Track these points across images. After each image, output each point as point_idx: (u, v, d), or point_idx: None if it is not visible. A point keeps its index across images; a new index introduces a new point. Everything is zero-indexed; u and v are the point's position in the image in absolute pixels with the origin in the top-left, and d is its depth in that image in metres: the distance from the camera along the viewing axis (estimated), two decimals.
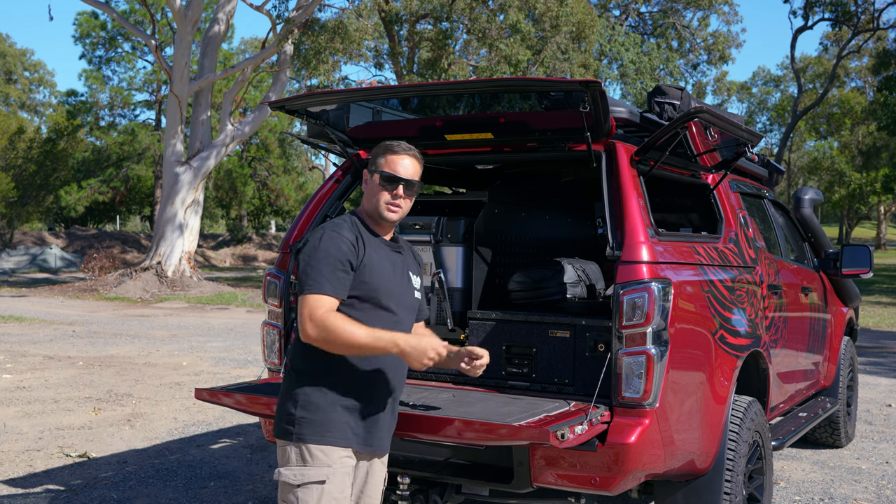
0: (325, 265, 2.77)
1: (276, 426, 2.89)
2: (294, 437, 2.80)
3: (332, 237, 2.82)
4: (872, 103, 45.33)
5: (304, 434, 2.80)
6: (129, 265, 27.04)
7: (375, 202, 2.93)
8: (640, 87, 33.95)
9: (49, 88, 60.02)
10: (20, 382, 8.93)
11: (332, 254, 2.78)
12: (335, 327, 2.70)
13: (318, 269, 2.76)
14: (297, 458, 2.81)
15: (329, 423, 2.80)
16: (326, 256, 2.78)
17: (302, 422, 2.80)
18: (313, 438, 2.79)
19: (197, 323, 15.52)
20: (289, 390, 2.88)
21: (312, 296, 2.75)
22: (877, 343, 13.28)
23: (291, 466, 2.81)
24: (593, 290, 4.36)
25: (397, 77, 26.67)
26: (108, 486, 5.39)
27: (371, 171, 2.97)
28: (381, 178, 2.92)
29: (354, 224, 2.93)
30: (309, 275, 2.77)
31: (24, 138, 35.99)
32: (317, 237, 2.85)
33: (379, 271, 2.89)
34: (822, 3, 37.08)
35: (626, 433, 3.31)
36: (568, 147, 3.93)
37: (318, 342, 2.74)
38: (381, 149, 2.97)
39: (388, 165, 2.92)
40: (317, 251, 2.80)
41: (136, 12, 39.91)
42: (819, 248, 6.40)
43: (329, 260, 2.77)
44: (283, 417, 2.85)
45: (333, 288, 2.77)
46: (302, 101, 4.07)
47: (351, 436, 2.84)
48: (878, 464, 6.22)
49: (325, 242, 2.81)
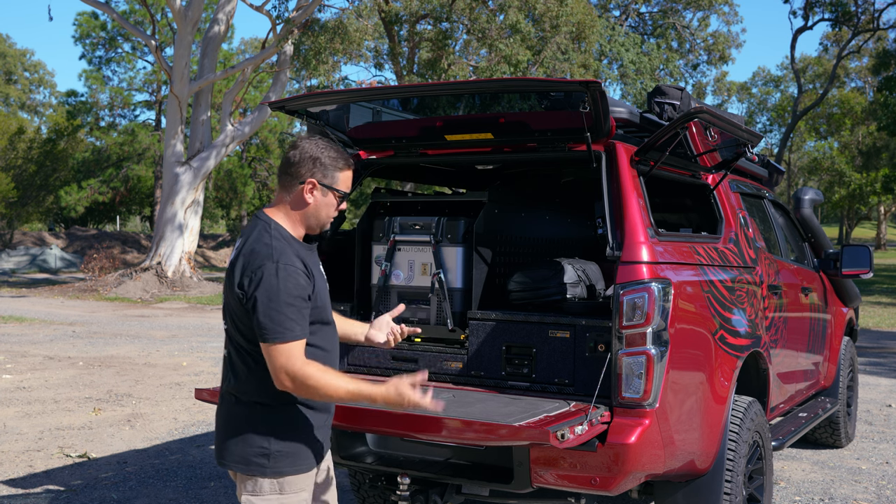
0: (289, 307, 2.56)
1: (243, 460, 2.68)
2: (270, 473, 2.66)
3: (288, 273, 2.58)
4: (872, 103, 45.32)
5: (282, 468, 2.67)
6: (130, 265, 27.04)
7: (326, 215, 2.77)
8: (640, 88, 33.97)
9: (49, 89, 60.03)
10: (20, 383, 8.93)
11: (293, 293, 2.57)
12: (316, 383, 2.55)
13: (284, 314, 2.54)
14: (273, 488, 2.69)
15: (301, 450, 2.71)
16: (288, 296, 2.56)
17: (277, 456, 2.66)
18: (291, 470, 2.68)
19: (197, 323, 15.52)
20: (250, 424, 2.69)
21: (285, 345, 2.54)
22: (877, 343, 13.28)
23: (265, 496, 2.68)
24: (593, 290, 4.36)
25: (397, 77, 26.68)
26: (109, 486, 5.39)
27: (325, 185, 2.74)
28: (337, 196, 2.77)
29: (286, 240, 2.69)
30: (274, 320, 2.54)
31: (24, 138, 35.99)
32: (271, 273, 2.57)
33: (321, 287, 2.75)
34: (822, 4, 37.08)
35: (627, 433, 3.31)
36: (568, 147, 3.92)
37: (293, 392, 2.60)
38: (331, 163, 2.75)
39: (344, 183, 2.79)
40: (278, 292, 2.55)
41: (136, 12, 39.88)
42: (819, 248, 6.40)
43: (291, 300, 2.57)
44: (253, 451, 2.67)
45: (302, 330, 2.59)
46: (302, 102, 4.07)
47: (318, 454, 2.78)
48: (879, 464, 6.22)
49: (283, 281, 2.56)
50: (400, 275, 4.15)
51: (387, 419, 3.28)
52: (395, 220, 4.18)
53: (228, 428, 2.74)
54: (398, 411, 2.68)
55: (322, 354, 2.74)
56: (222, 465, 2.75)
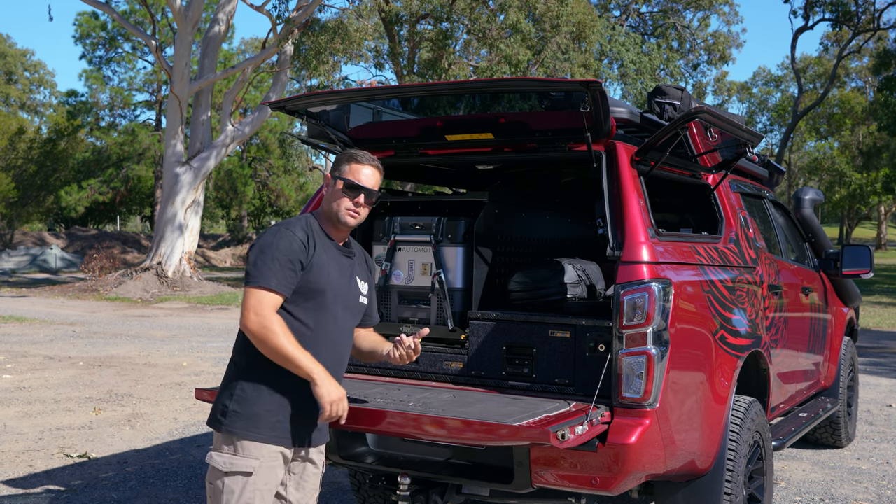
0: (275, 261, 2.84)
1: (211, 415, 2.96)
2: (224, 429, 2.88)
3: (284, 234, 2.89)
4: (873, 103, 45.33)
5: (234, 428, 2.87)
6: (130, 265, 27.04)
7: (336, 207, 3.01)
8: (640, 88, 33.94)
9: (49, 89, 60.00)
10: (21, 383, 8.93)
11: (283, 250, 2.85)
12: (273, 330, 2.78)
13: (267, 264, 2.83)
14: (229, 448, 2.89)
15: (259, 419, 2.87)
16: (277, 252, 2.85)
17: (233, 415, 2.88)
18: (242, 434, 2.87)
19: (197, 323, 15.52)
20: (226, 382, 2.97)
21: (259, 290, 2.82)
22: (877, 343, 13.28)
23: (222, 453, 2.89)
24: (594, 290, 4.35)
25: (397, 77, 26.67)
26: (109, 486, 5.39)
27: (335, 176, 3.04)
28: (344, 184, 3.00)
29: (309, 224, 3.00)
30: (258, 267, 2.84)
31: (25, 139, 36.00)
32: (270, 233, 2.93)
33: (325, 272, 2.96)
34: (822, 4, 37.08)
35: (627, 433, 3.31)
36: (568, 147, 3.92)
37: (253, 335, 2.81)
38: (346, 156, 3.05)
39: (352, 174, 3.01)
40: (269, 246, 2.87)
41: (137, 12, 39.89)
42: (819, 248, 6.40)
43: (279, 256, 2.84)
44: (218, 408, 2.93)
45: (279, 283, 2.84)
46: (302, 102, 4.07)
47: (281, 434, 2.91)
48: (879, 464, 6.22)
49: (277, 239, 2.88)
50: (400, 275, 4.15)
51: (387, 419, 3.28)
52: (395, 220, 4.18)
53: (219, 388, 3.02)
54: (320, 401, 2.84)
55: (304, 330, 2.92)
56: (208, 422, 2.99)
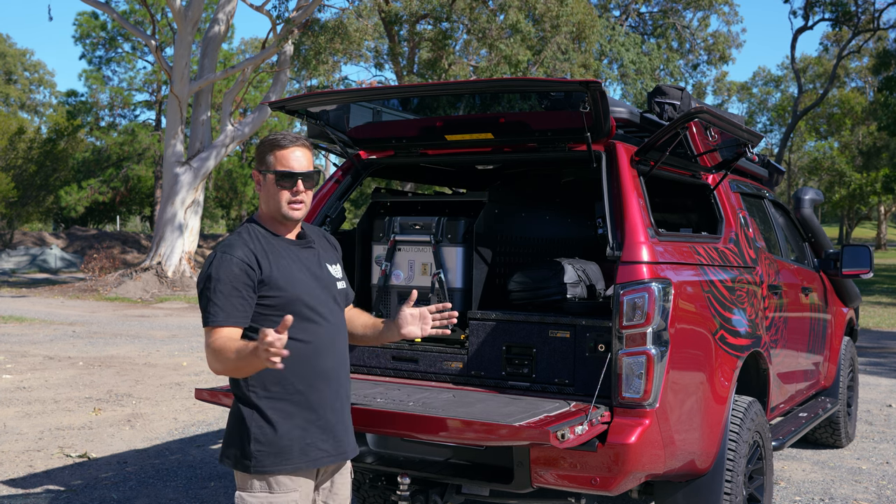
0: (218, 293, 2.60)
1: (232, 458, 2.73)
2: (254, 470, 2.67)
3: (221, 261, 2.64)
4: (873, 103, 45.33)
5: (264, 466, 2.67)
6: (130, 265, 27.03)
7: (276, 204, 2.74)
8: (640, 88, 33.96)
9: (49, 88, 59.97)
10: (20, 383, 8.93)
11: (224, 280, 2.61)
12: (218, 350, 2.54)
13: (210, 300, 2.61)
14: (262, 486, 2.69)
15: (288, 450, 2.68)
16: (219, 284, 2.61)
17: (259, 455, 2.66)
18: (275, 469, 2.67)
19: (197, 323, 15.51)
20: (236, 423, 2.73)
21: (208, 329, 2.61)
22: (877, 343, 13.28)
23: (255, 493, 2.69)
24: (593, 290, 4.36)
25: (397, 77, 26.68)
26: (109, 486, 5.39)
27: (262, 171, 2.76)
28: (276, 177, 2.72)
29: (251, 235, 2.74)
30: (203, 307, 2.63)
31: (25, 138, 35.95)
32: (207, 263, 2.68)
33: (291, 278, 2.72)
34: (822, 4, 37.09)
35: (627, 433, 3.31)
36: (568, 147, 3.93)
37: (221, 372, 2.61)
38: (268, 145, 2.76)
39: (281, 162, 2.72)
40: (209, 280, 2.63)
41: (136, 12, 39.88)
42: (819, 248, 6.40)
43: (221, 287, 2.61)
44: (236, 451, 2.71)
45: (227, 316, 2.60)
46: (302, 102, 4.07)
47: (315, 456, 2.73)
48: (879, 464, 6.22)
49: (214, 269, 2.64)
50: (400, 275, 4.15)
51: (387, 419, 3.28)
52: (395, 220, 4.18)
53: (228, 425, 2.81)
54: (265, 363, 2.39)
55: (302, 347, 2.69)
56: (221, 461, 2.81)
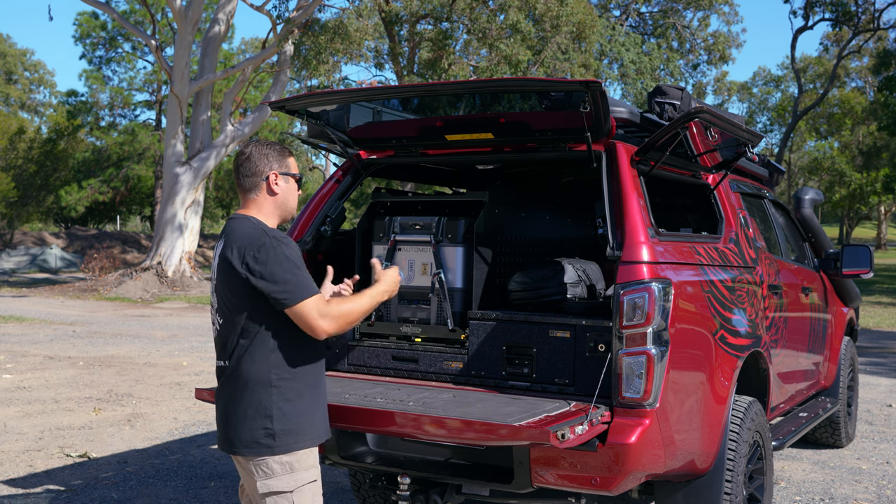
0: (301, 270, 2.81)
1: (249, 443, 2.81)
2: (278, 450, 2.80)
3: (287, 243, 2.84)
4: (873, 103, 45.29)
5: (287, 445, 2.81)
6: (130, 265, 27.04)
7: (293, 205, 3.06)
8: (640, 88, 33.95)
9: (49, 88, 59.90)
10: (21, 382, 8.93)
11: (295, 258, 2.82)
12: (349, 310, 2.87)
13: (300, 276, 2.80)
14: (284, 468, 2.82)
15: (302, 427, 2.85)
16: (297, 262, 2.82)
17: (282, 434, 2.80)
18: (296, 447, 2.83)
19: (197, 323, 15.52)
20: (255, 404, 2.81)
21: (312, 299, 2.79)
22: (877, 343, 13.28)
23: (280, 476, 2.82)
24: (594, 290, 4.35)
25: (397, 77, 26.67)
26: (109, 486, 5.40)
27: (284, 174, 3.01)
28: (297, 180, 3.06)
29: None
30: (292, 283, 2.77)
31: (25, 138, 35.96)
32: (275, 246, 2.81)
33: None
34: (822, 3, 37.07)
35: (627, 433, 3.31)
36: (568, 147, 3.93)
37: (345, 328, 2.87)
38: (286, 151, 3.04)
39: (294, 168, 3.06)
40: (285, 261, 2.79)
41: (137, 12, 39.88)
42: (819, 248, 6.40)
43: (299, 264, 2.82)
44: (258, 433, 2.80)
45: (314, 285, 2.85)
46: (302, 102, 4.08)
47: (320, 430, 2.93)
48: (879, 464, 6.22)
49: (287, 251, 2.82)
50: (400, 275, 4.15)
51: (387, 419, 3.28)
52: (395, 219, 4.18)
53: (232, 412, 2.85)
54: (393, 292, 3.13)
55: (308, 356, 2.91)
56: (232, 451, 2.84)
